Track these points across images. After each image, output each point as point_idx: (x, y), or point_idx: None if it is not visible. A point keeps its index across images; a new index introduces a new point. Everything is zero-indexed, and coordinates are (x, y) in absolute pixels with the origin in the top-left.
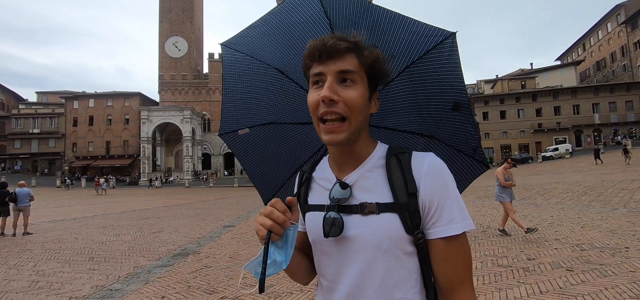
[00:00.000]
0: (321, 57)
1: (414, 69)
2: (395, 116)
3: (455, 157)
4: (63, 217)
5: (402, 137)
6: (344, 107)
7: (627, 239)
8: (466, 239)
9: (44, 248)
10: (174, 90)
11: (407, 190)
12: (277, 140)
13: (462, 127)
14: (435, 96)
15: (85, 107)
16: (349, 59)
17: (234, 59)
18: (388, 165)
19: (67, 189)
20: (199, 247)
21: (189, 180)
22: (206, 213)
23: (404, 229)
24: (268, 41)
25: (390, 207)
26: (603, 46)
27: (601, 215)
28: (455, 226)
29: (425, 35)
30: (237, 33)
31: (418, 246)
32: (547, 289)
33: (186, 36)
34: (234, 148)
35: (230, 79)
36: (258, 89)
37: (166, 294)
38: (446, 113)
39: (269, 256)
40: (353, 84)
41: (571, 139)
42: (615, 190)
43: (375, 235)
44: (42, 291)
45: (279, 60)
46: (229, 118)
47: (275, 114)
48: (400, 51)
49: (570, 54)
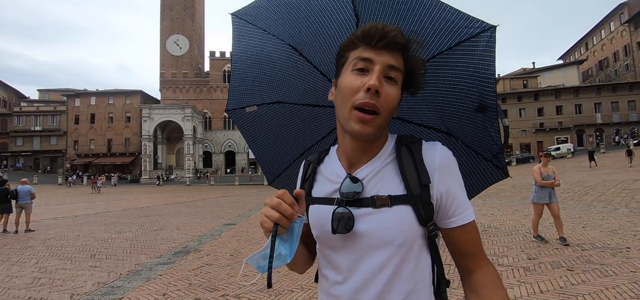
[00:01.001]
0: (378, 43)
1: (441, 59)
2: (413, 107)
3: (473, 159)
4: (65, 214)
5: (418, 130)
6: (383, 103)
7: (629, 239)
8: (474, 225)
9: (46, 245)
10: (175, 89)
11: (420, 182)
12: (285, 120)
13: (484, 129)
14: (461, 92)
15: (87, 105)
16: (398, 56)
17: (244, 32)
18: (399, 155)
19: (70, 187)
20: (200, 245)
21: (190, 178)
22: (207, 211)
23: (417, 221)
24: (283, 15)
25: (404, 199)
26: (606, 45)
27: (602, 215)
28: (469, 212)
29: (461, 24)
30: (249, 3)
31: (430, 238)
32: (547, 288)
33: (187, 34)
34: (240, 125)
35: (239, 53)
36: (268, 66)
37: (167, 291)
38: (469, 112)
39: (275, 249)
40: (394, 83)
41: (573, 138)
42: (616, 190)
43: (390, 229)
44: (45, 288)
45: (294, 37)
46: (237, 94)
47: (285, 94)
48: (428, 37)
49: (573, 53)
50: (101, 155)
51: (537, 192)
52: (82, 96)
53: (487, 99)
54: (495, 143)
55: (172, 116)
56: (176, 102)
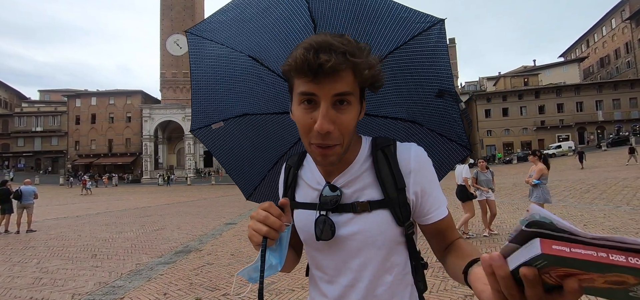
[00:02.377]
0: (316, 76)
1: (398, 54)
2: (378, 102)
3: (437, 142)
4: (66, 214)
5: (384, 122)
6: (338, 135)
7: (630, 236)
8: (449, 214)
9: (48, 245)
10: (176, 88)
11: (396, 186)
12: (253, 132)
13: (446, 113)
14: (420, 82)
15: (88, 106)
16: (346, 77)
17: (202, 48)
18: (375, 161)
19: (71, 187)
20: (201, 245)
21: (191, 178)
22: (208, 210)
23: (395, 223)
24: (239, 27)
25: (382, 204)
26: (607, 43)
27: (604, 213)
28: (443, 208)
29: (412, 20)
30: (205, 19)
31: (407, 236)
32: None
33: None
34: (208, 144)
35: (198, 69)
36: (230, 79)
37: (168, 291)
38: (430, 99)
39: (266, 261)
40: (348, 106)
41: (574, 136)
42: (618, 187)
43: (370, 233)
44: (46, 288)
45: (253, 48)
46: (201, 112)
47: (250, 105)
48: (384, 36)
49: (574, 50)
50: (102, 155)
51: (544, 191)
52: (82, 97)
53: (445, 84)
54: (456, 123)
55: (173, 116)
56: (177, 101)
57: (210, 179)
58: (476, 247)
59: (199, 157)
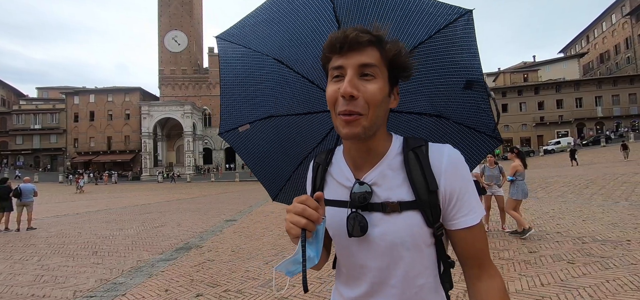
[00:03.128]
0: (342, 48)
1: (424, 48)
2: (402, 98)
3: (465, 134)
4: (67, 212)
5: (409, 118)
6: (363, 104)
7: (629, 232)
8: (482, 224)
9: (48, 243)
10: (174, 85)
11: (427, 188)
12: (279, 133)
13: (475, 104)
14: (446, 75)
15: (86, 103)
16: (370, 52)
17: (230, 53)
18: (406, 161)
19: (70, 184)
20: (202, 242)
21: (191, 175)
22: (208, 207)
23: (425, 224)
24: (266, 30)
25: (412, 205)
26: (607, 38)
27: (603, 209)
28: (474, 216)
29: (439, 14)
30: (233, 24)
31: (436, 237)
32: (548, 281)
33: (186, 30)
34: (235, 146)
35: (227, 74)
36: (256, 82)
37: (170, 287)
38: (457, 91)
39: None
40: (373, 78)
41: (573, 132)
42: (617, 183)
43: (399, 233)
44: (47, 285)
45: (279, 51)
46: (229, 115)
47: (274, 107)
48: (410, 31)
49: (574, 46)
50: (101, 152)
51: (519, 187)
52: (81, 94)
53: (473, 75)
54: (486, 114)
55: (172, 113)
56: (175, 98)
57: (210, 176)
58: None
59: (198, 154)
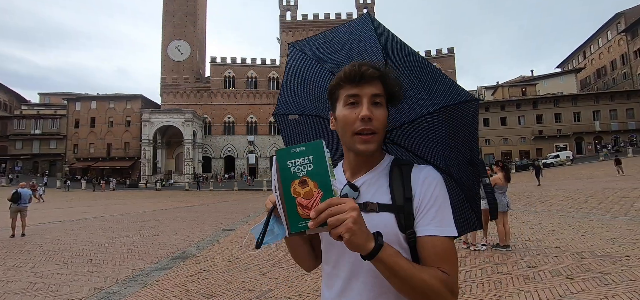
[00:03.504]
0: (359, 81)
1: (446, 112)
2: (425, 147)
3: (463, 206)
4: (63, 218)
5: (424, 164)
6: (376, 124)
7: (628, 247)
8: (452, 244)
9: (43, 249)
10: (176, 93)
11: (404, 195)
12: (319, 131)
13: (473, 181)
14: (459, 144)
15: (87, 109)
16: (378, 84)
17: (296, 57)
18: (391, 173)
19: (68, 190)
20: (198, 251)
21: (190, 182)
22: (205, 216)
23: (397, 227)
24: (327, 50)
25: (388, 208)
26: (603, 54)
27: (602, 223)
28: (439, 228)
29: (457, 90)
30: (304, 39)
31: (410, 244)
32: (547, 297)
33: (189, 40)
34: (282, 128)
35: (290, 71)
36: (312, 85)
37: (164, 297)
38: (464, 162)
39: (269, 226)
40: (380, 106)
41: (572, 146)
42: (616, 198)
43: (373, 230)
44: (40, 293)
45: (334, 66)
46: (284, 103)
47: (322, 109)
48: (438, 91)
49: (571, 61)
50: (100, 159)
51: (500, 200)
52: (82, 100)
53: (474, 156)
54: (477, 194)
55: (172, 121)
56: (176, 106)
57: (208, 184)
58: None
59: (197, 162)
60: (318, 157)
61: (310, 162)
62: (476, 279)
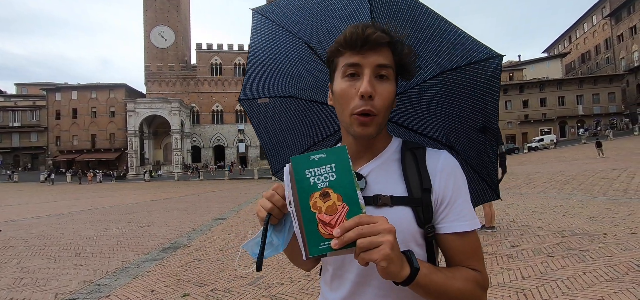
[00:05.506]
0: (362, 47)
1: (449, 77)
2: (420, 118)
3: (470, 176)
4: (48, 212)
5: (422, 140)
6: (379, 104)
7: (605, 225)
8: (475, 235)
9: (28, 244)
10: (161, 82)
11: (421, 186)
12: (294, 114)
13: (484, 150)
14: (465, 111)
15: (68, 100)
16: (386, 53)
17: (262, 26)
18: (403, 159)
19: (52, 184)
20: (189, 241)
21: (179, 173)
22: (196, 206)
23: (416, 222)
24: (301, 14)
25: (404, 201)
26: (588, 39)
27: (582, 203)
28: (465, 223)
29: (470, 47)
30: (271, 2)
31: (427, 239)
32: (529, 274)
33: (172, 25)
34: (251, 115)
35: (256, 46)
36: (284, 61)
37: (155, 287)
38: (471, 131)
39: (267, 238)
40: (387, 79)
41: (556, 130)
42: (596, 179)
43: None
44: (27, 288)
45: (311, 37)
46: (251, 85)
47: (297, 89)
48: (440, 53)
49: (557, 46)
50: (85, 151)
51: None
52: (62, 90)
53: (490, 122)
54: (491, 163)
55: (159, 110)
56: (162, 95)
57: (198, 174)
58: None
59: (186, 152)
60: (342, 165)
61: (332, 171)
62: None
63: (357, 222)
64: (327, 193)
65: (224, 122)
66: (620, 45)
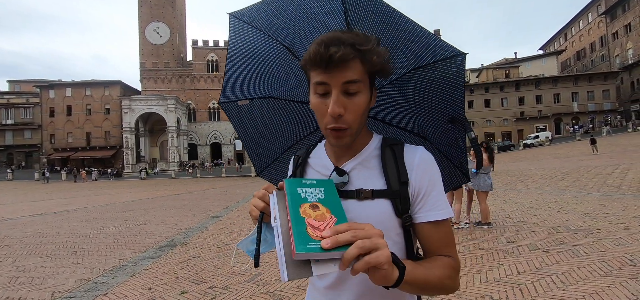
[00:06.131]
0: (327, 66)
1: (420, 73)
2: (395, 112)
3: (443, 162)
4: (43, 211)
5: (398, 132)
6: (349, 118)
7: (599, 221)
8: (448, 223)
9: (24, 243)
10: (157, 79)
11: (399, 179)
12: (275, 114)
13: (454, 139)
14: (435, 104)
15: (62, 97)
16: (355, 66)
17: (240, 30)
18: (383, 155)
19: (47, 182)
20: (187, 238)
21: (175, 170)
22: (193, 204)
23: (394, 213)
24: (277, 18)
25: (384, 194)
26: (583, 36)
27: (576, 199)
28: (440, 212)
29: (437, 46)
30: (247, 6)
31: (405, 228)
32: (524, 269)
33: (168, 22)
34: (232, 117)
35: (234, 49)
36: (262, 63)
37: (153, 285)
38: (442, 122)
39: (261, 235)
40: (357, 93)
41: (551, 127)
42: (590, 175)
43: (369, 219)
44: (23, 287)
45: (288, 38)
46: (230, 87)
47: (276, 89)
48: (410, 52)
49: (553, 43)
50: (80, 149)
51: (481, 180)
52: (56, 87)
53: (458, 112)
54: (461, 150)
55: (154, 107)
56: (158, 92)
57: (195, 172)
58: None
59: (183, 150)
60: (330, 191)
61: (322, 192)
62: (459, 255)
63: (350, 226)
64: (316, 205)
65: (220, 119)
66: (615, 43)
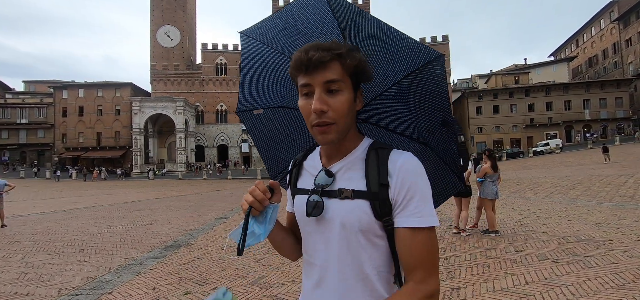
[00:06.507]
0: (308, 69)
1: (414, 78)
2: (397, 119)
3: (443, 170)
4: (53, 208)
5: (399, 139)
6: (333, 114)
7: (612, 232)
8: (432, 234)
9: (33, 240)
10: (166, 81)
11: (379, 181)
12: (287, 123)
13: (448, 143)
14: (430, 108)
15: (75, 97)
16: (334, 67)
17: (251, 46)
18: (367, 158)
19: (58, 181)
20: (192, 239)
21: (182, 172)
22: (199, 205)
23: (373, 214)
24: (282, 33)
25: (363, 195)
26: (595, 43)
27: (587, 209)
28: (419, 219)
29: (420, 51)
30: (254, 24)
31: (387, 232)
32: (533, 280)
33: (178, 25)
34: (248, 126)
35: (246, 63)
36: (273, 75)
37: (157, 285)
38: (437, 126)
39: (249, 227)
40: (339, 91)
41: (562, 134)
42: (602, 184)
43: (348, 217)
44: (31, 283)
45: (292, 51)
46: (245, 98)
47: (286, 100)
48: (399, 60)
49: (564, 49)
50: (90, 148)
51: (487, 188)
52: (69, 88)
53: (447, 115)
54: (455, 154)
55: (164, 109)
56: (167, 94)
57: (201, 173)
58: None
59: (190, 151)
60: None
61: None
62: (465, 263)
63: None
64: None
65: (228, 121)
66: (628, 50)
